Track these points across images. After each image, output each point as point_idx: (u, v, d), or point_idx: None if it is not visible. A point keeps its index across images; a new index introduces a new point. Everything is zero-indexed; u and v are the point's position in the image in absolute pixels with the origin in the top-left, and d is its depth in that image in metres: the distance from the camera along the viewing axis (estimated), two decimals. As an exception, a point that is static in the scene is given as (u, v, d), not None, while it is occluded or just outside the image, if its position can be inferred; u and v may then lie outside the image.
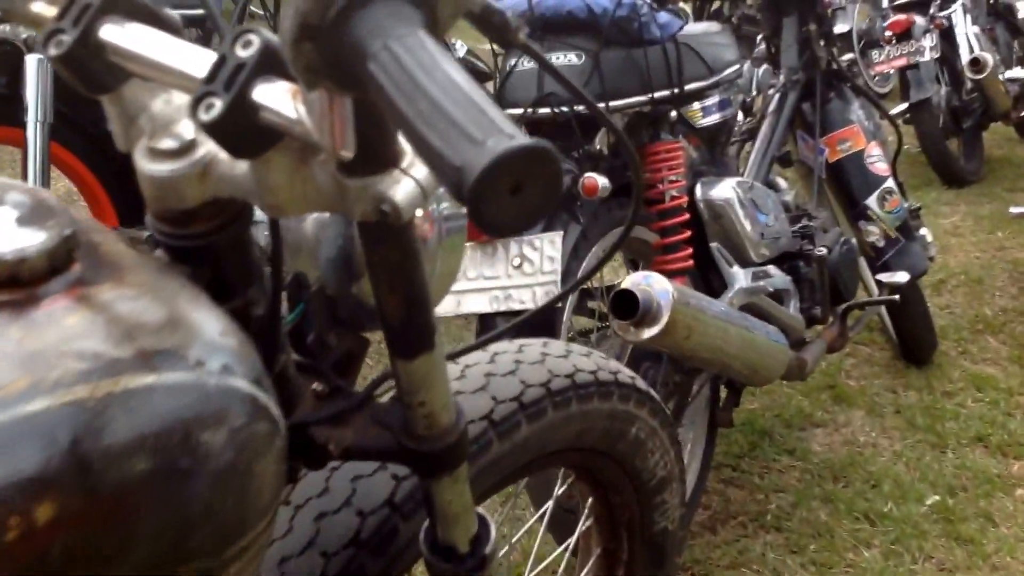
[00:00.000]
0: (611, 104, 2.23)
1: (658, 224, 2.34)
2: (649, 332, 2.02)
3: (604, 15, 2.22)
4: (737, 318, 2.24)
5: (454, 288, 2.09)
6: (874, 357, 3.48)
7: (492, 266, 2.08)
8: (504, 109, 2.30)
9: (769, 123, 2.97)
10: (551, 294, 2.02)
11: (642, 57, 2.26)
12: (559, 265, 2.03)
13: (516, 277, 2.05)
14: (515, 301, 2.04)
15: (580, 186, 2.17)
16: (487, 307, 2.07)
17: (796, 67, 3.02)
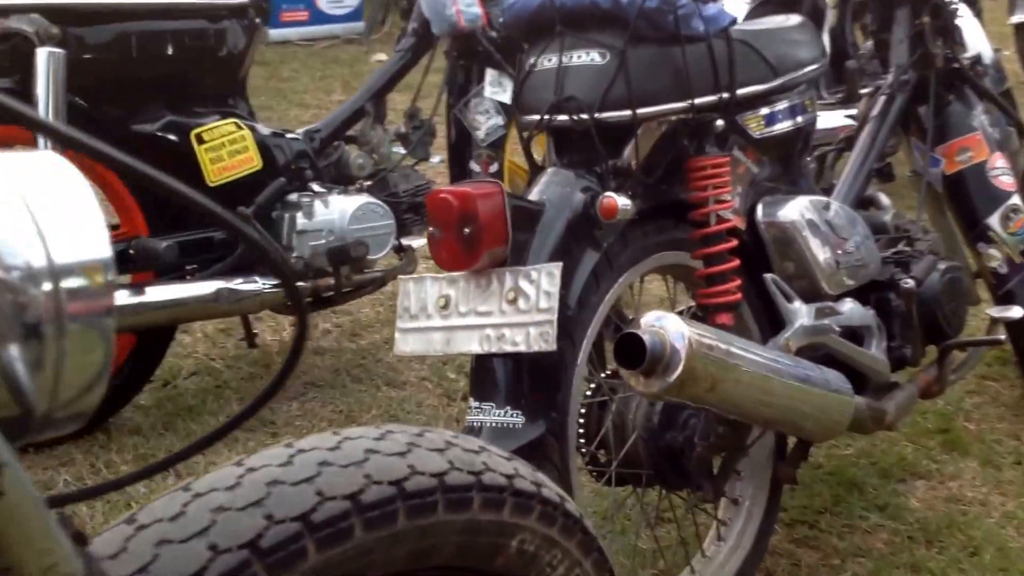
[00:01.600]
0: (640, 111, 1.92)
1: (701, 251, 2.01)
2: (661, 383, 1.71)
3: (631, 6, 1.90)
4: (782, 364, 1.90)
5: (444, 324, 1.81)
6: (1001, 396, 3.04)
7: (485, 300, 1.79)
8: (522, 114, 2.01)
9: (869, 130, 2.58)
10: (546, 336, 1.72)
11: (679, 56, 1.94)
12: (555, 302, 1.73)
13: (510, 314, 1.76)
14: (508, 342, 1.75)
15: (597, 207, 1.86)
16: (477, 347, 1.78)
17: (906, 65, 2.62)
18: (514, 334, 1.75)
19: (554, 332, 1.72)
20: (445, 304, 1.81)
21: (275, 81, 6.45)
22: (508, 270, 1.78)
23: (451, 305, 1.81)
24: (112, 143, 2.18)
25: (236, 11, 2.73)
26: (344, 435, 1.06)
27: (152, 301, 2.49)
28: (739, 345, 1.83)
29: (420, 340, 1.83)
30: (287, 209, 2.76)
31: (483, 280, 1.80)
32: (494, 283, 1.79)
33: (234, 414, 2.57)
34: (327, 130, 2.97)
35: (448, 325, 1.81)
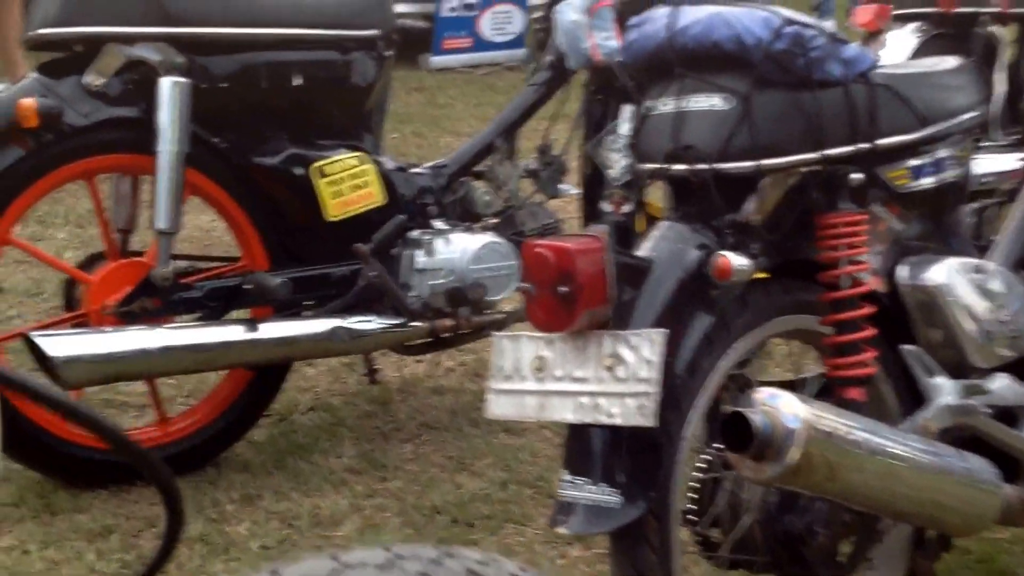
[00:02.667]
0: (764, 163, 1.76)
1: (831, 317, 1.83)
2: (772, 469, 1.55)
3: (757, 47, 1.74)
4: (916, 450, 1.71)
5: (538, 388, 1.69)
6: None
7: (582, 365, 1.66)
8: (638, 162, 1.87)
9: (1037, 180, 2.35)
10: (645, 410, 1.58)
11: (811, 102, 1.77)
12: (657, 373, 1.59)
13: (607, 382, 1.63)
14: (603, 413, 1.62)
15: (711, 266, 1.71)
16: (571, 416, 1.65)
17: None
18: (611, 404, 1.61)
19: (654, 406, 1.58)
20: (540, 366, 1.69)
21: (431, 108, 6.43)
22: (608, 333, 1.65)
23: (546, 368, 1.69)
24: (233, 174, 2.13)
25: (365, 43, 2.67)
26: (397, 552, 0.93)
27: (266, 338, 2.44)
28: (865, 428, 1.66)
29: (513, 403, 1.71)
30: (407, 247, 2.68)
31: (581, 342, 1.67)
32: (592, 346, 1.65)
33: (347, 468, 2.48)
34: (454, 165, 2.88)
35: (542, 389, 1.68)
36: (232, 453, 2.59)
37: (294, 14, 2.56)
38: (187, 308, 2.47)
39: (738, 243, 1.77)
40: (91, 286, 2.42)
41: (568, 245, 1.62)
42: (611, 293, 1.64)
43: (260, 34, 2.51)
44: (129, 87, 2.39)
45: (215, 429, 2.54)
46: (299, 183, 2.56)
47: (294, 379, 2.95)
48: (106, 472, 2.44)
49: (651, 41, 1.85)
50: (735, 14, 1.78)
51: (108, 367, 2.28)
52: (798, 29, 1.76)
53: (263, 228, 2.55)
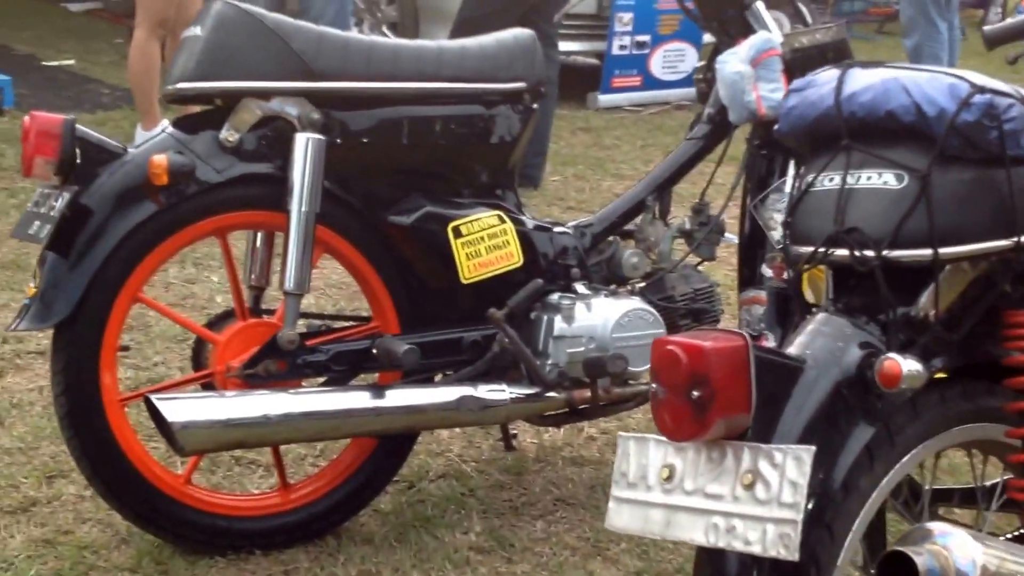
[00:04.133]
0: (944, 251, 1.52)
1: (1020, 431, 1.58)
2: (940, 620, 1.31)
3: (940, 119, 1.51)
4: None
5: (666, 501, 1.48)
6: None
7: (717, 479, 1.45)
8: (792, 243, 1.65)
9: None
10: (787, 541, 1.36)
11: (1004, 181, 1.53)
12: (802, 498, 1.37)
13: (745, 502, 1.41)
14: (739, 538, 1.40)
15: (876, 370, 1.48)
16: (702, 538, 1.44)
17: None
18: (747, 529, 1.40)
19: (797, 536, 1.36)
20: (669, 475, 1.49)
21: (596, 149, 6.26)
22: (747, 445, 1.44)
23: (676, 478, 1.48)
24: (366, 232, 1.98)
25: (511, 96, 2.53)
26: None
27: (390, 406, 2.30)
28: (1052, 570, 1.40)
29: (636, 515, 1.51)
30: (546, 311, 2.51)
31: (716, 453, 1.46)
32: (729, 459, 1.45)
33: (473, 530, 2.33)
34: (601, 224, 2.70)
35: (670, 503, 1.48)
36: (355, 522, 2.46)
37: (437, 67, 2.43)
38: (313, 371, 2.35)
39: (908, 342, 1.54)
40: (217, 346, 2.33)
41: (704, 344, 1.42)
42: (752, 400, 1.43)
43: (401, 88, 2.39)
44: (264, 143, 2.29)
45: (338, 497, 2.41)
46: (434, 242, 2.42)
47: (427, 441, 2.82)
48: (225, 539, 2.34)
49: (815, 108, 1.64)
50: (915, 80, 1.56)
51: (227, 433, 2.17)
52: (991, 99, 1.52)
53: (395, 289, 2.42)
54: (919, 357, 1.51)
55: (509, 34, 2.59)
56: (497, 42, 2.55)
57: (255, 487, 2.58)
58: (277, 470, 2.43)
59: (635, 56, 7.40)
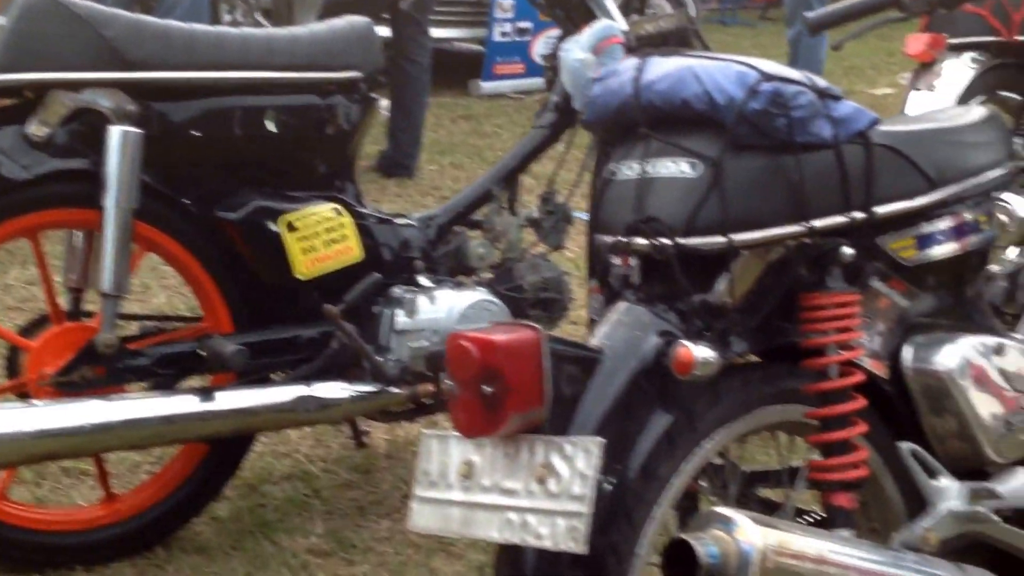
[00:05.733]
0: (737, 237, 1.52)
1: (817, 412, 1.59)
2: (723, 606, 1.31)
3: (730, 107, 1.51)
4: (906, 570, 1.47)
5: (463, 498, 1.47)
6: None
7: (512, 474, 1.44)
8: (599, 232, 1.65)
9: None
10: (575, 533, 1.35)
11: (795, 167, 1.53)
12: (591, 490, 1.36)
13: (538, 496, 1.40)
14: (531, 532, 1.39)
15: (670, 358, 1.48)
16: (496, 534, 1.43)
17: None
18: (540, 523, 1.39)
19: (586, 529, 1.35)
20: (468, 472, 1.47)
21: (475, 137, 6.23)
22: (541, 439, 1.43)
23: (474, 475, 1.47)
24: (194, 228, 1.91)
25: (346, 85, 2.48)
26: None
27: (220, 409, 2.24)
28: (841, 551, 1.42)
29: (437, 514, 1.49)
30: (388, 305, 2.47)
31: (512, 448, 1.44)
32: (524, 453, 1.43)
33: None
34: (446, 215, 2.67)
35: (469, 500, 1.46)
36: (189, 531, 2.39)
37: (265, 56, 2.37)
38: (137, 376, 2.27)
39: (706, 329, 1.54)
40: (31, 353, 2.23)
41: (495, 337, 1.40)
42: (547, 393, 1.42)
43: (225, 78, 2.32)
44: (76, 137, 2.20)
45: (167, 506, 2.32)
46: (265, 238, 2.36)
47: (272, 442, 2.76)
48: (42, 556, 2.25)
49: (616, 97, 1.63)
50: (707, 68, 1.55)
51: (37, 445, 2.08)
52: (778, 86, 1.53)
53: (226, 287, 2.35)
54: (715, 343, 1.51)
55: (344, 21, 2.54)
56: (330, 30, 2.50)
57: (83, 499, 2.49)
58: (100, 480, 2.33)
59: (517, 43, 7.37)
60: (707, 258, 1.55)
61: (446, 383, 1.44)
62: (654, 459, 1.49)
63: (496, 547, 1.49)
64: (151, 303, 3.43)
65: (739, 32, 9.71)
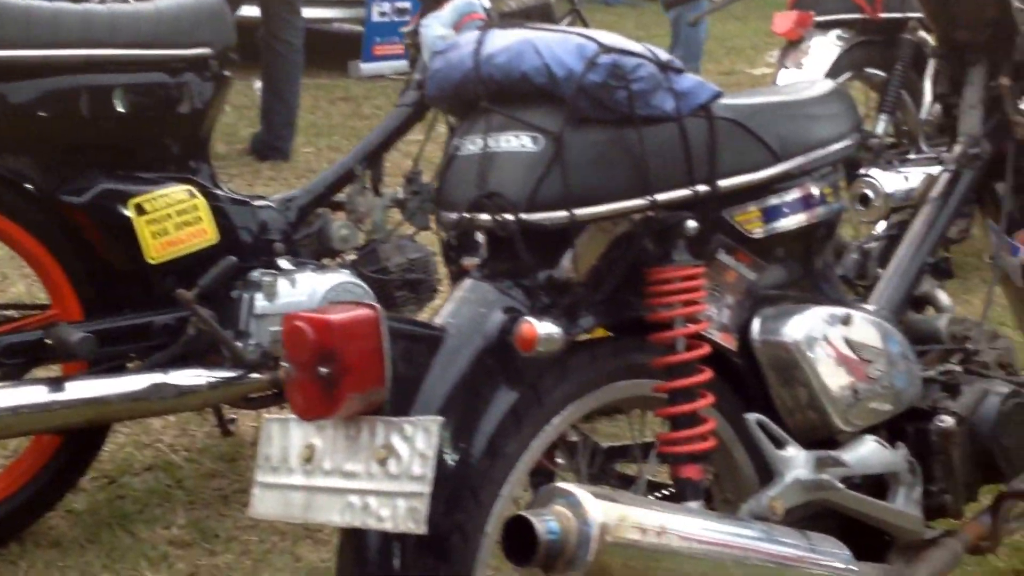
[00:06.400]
0: (579, 212, 1.51)
1: (663, 385, 1.59)
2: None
3: (569, 80, 1.50)
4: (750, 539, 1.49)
5: (304, 482, 1.44)
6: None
7: (353, 456, 1.41)
8: (443, 209, 1.62)
9: (926, 215, 2.12)
10: (416, 514, 1.33)
11: (636, 141, 1.53)
12: (430, 469, 1.34)
13: (379, 478, 1.38)
14: (372, 515, 1.37)
15: (513, 335, 1.46)
16: (338, 518, 1.40)
17: (978, 136, 2.14)
18: (380, 506, 1.36)
19: (426, 509, 1.33)
20: (309, 456, 1.44)
21: (354, 119, 6.16)
22: (381, 420, 1.40)
23: (315, 458, 1.43)
24: (38, 213, 1.82)
25: (196, 63, 2.41)
26: None
27: (67, 399, 2.17)
28: (684, 523, 1.42)
29: (278, 500, 1.45)
30: (247, 289, 2.42)
31: (353, 429, 1.41)
32: (365, 435, 1.40)
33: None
34: (307, 196, 2.63)
35: (310, 484, 1.43)
36: (43, 526, 2.32)
37: (108, 33, 2.30)
38: (-19, 366, 2.20)
39: (552, 305, 1.53)
40: None
41: (331, 317, 1.37)
42: (387, 373, 1.39)
43: (65, 56, 2.24)
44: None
45: (18, 501, 2.25)
46: (113, 222, 2.29)
47: (135, 432, 2.69)
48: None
49: (457, 71, 1.60)
50: (546, 41, 1.53)
51: None
52: (616, 58, 1.51)
53: (74, 273, 2.28)
54: (560, 319, 1.49)
55: None
56: (178, 5, 2.43)
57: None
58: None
59: (396, 23, 7.27)
60: (552, 233, 1.53)
61: (283, 365, 1.41)
62: (500, 437, 1.47)
63: (339, 534, 1.46)
64: (8, 292, 3.32)
65: (623, 12, 9.76)
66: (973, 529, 1.90)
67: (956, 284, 3.70)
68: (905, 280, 2.02)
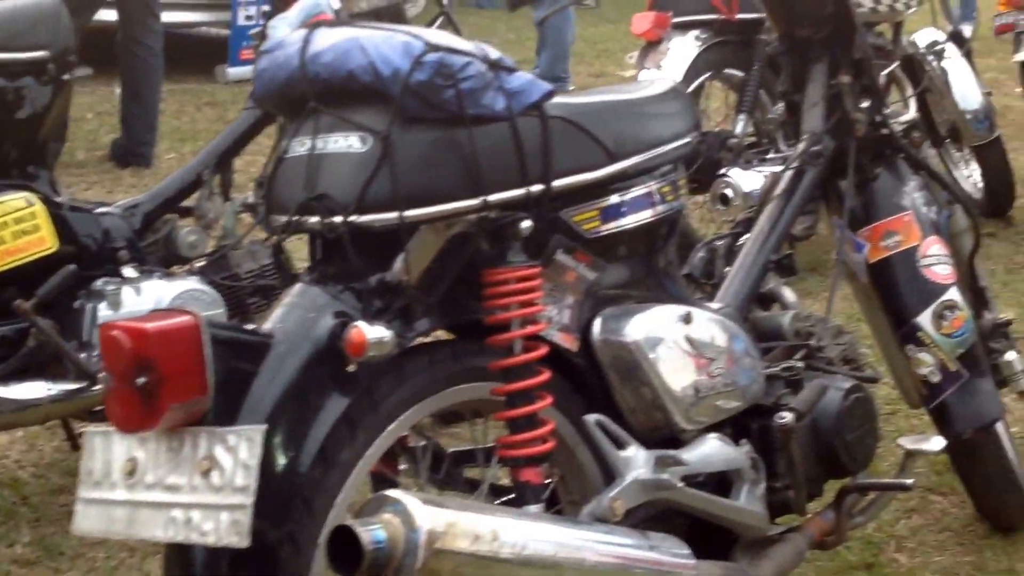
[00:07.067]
0: (409, 213, 1.49)
1: (502, 388, 1.58)
2: (386, 595, 1.28)
3: (395, 78, 1.47)
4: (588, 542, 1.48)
5: (127, 497, 1.39)
6: (947, 517, 2.57)
7: (176, 469, 1.36)
8: (272, 212, 1.59)
9: (770, 213, 2.15)
10: (239, 526, 1.29)
11: (467, 141, 1.51)
12: (253, 480, 1.30)
13: (202, 491, 1.34)
14: (195, 529, 1.32)
15: (343, 340, 1.43)
16: (162, 533, 1.35)
17: (820, 134, 2.18)
18: (204, 519, 1.32)
19: (248, 521, 1.29)
20: (132, 470, 1.39)
21: (220, 124, 6.02)
22: (204, 431, 1.36)
23: (138, 472, 1.39)
24: None
25: (32, 66, 2.34)
26: None
27: None
28: (518, 528, 1.40)
29: (101, 516, 1.41)
30: (91, 299, 2.35)
31: (176, 441, 1.37)
32: (187, 446, 1.36)
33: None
34: (152, 202, 2.56)
35: (133, 499, 1.38)
36: None
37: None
38: None
39: (384, 308, 1.50)
40: None
41: (147, 326, 1.33)
42: (209, 382, 1.35)
43: None
44: None
45: None
46: (-55, 232, 2.20)
47: (-23, 449, 2.60)
48: None
49: (283, 71, 1.57)
50: (372, 39, 1.51)
51: None
52: (443, 57, 1.49)
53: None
54: (393, 322, 1.47)
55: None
56: (12, 7, 2.35)
57: None
58: None
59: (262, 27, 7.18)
60: (383, 235, 1.51)
61: (101, 376, 1.36)
62: (333, 444, 1.45)
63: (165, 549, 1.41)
64: None
65: (494, 15, 9.77)
66: (817, 524, 1.92)
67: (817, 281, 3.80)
68: (749, 278, 2.04)
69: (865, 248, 2.22)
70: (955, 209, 2.39)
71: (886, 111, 2.27)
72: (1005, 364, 2.35)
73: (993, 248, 4.44)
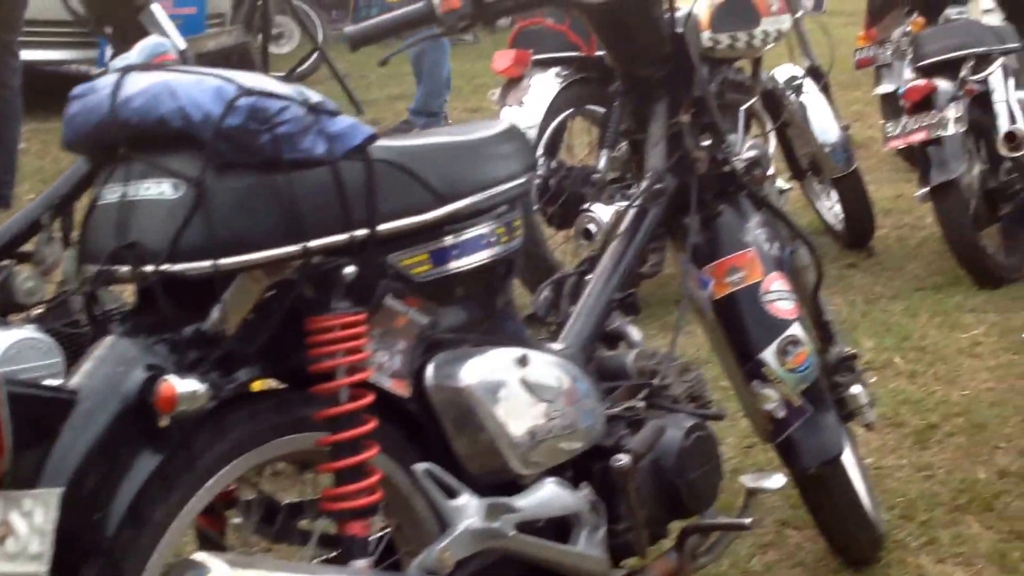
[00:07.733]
0: (223, 261, 1.44)
1: (325, 439, 1.53)
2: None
3: (206, 123, 1.43)
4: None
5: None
6: (801, 551, 2.59)
7: (-33, 535, 1.29)
8: (85, 261, 1.53)
9: (613, 251, 2.14)
10: (36, 596, 1.23)
11: (285, 186, 1.47)
12: (48, 547, 1.24)
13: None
14: (-11, 600, 1.26)
15: (153, 396, 1.38)
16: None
17: (662, 172, 2.19)
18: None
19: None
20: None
21: (85, 162, 5.91)
22: (0, 495, 1.29)
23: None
24: None
25: None
26: None
27: None
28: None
29: None
30: (-83, 351, 2.24)
31: (-28, 508, 1.30)
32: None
33: None
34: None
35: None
36: None
37: None
38: None
39: (201, 360, 1.45)
40: None
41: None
42: (7, 442, 1.29)
43: None
44: None
45: None
46: None
47: None
48: None
49: (95, 115, 1.52)
50: (183, 84, 1.47)
51: None
52: (258, 100, 1.46)
53: None
54: (210, 374, 1.42)
55: None
56: None
57: None
58: None
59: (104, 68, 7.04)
60: (198, 284, 1.46)
61: None
62: (145, 504, 1.39)
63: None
64: None
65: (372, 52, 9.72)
66: (660, 567, 1.91)
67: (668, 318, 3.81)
68: (592, 317, 2.03)
69: (710, 284, 2.23)
70: (798, 245, 2.43)
71: (738, 147, 2.29)
72: (851, 397, 2.38)
73: (854, 278, 4.54)
